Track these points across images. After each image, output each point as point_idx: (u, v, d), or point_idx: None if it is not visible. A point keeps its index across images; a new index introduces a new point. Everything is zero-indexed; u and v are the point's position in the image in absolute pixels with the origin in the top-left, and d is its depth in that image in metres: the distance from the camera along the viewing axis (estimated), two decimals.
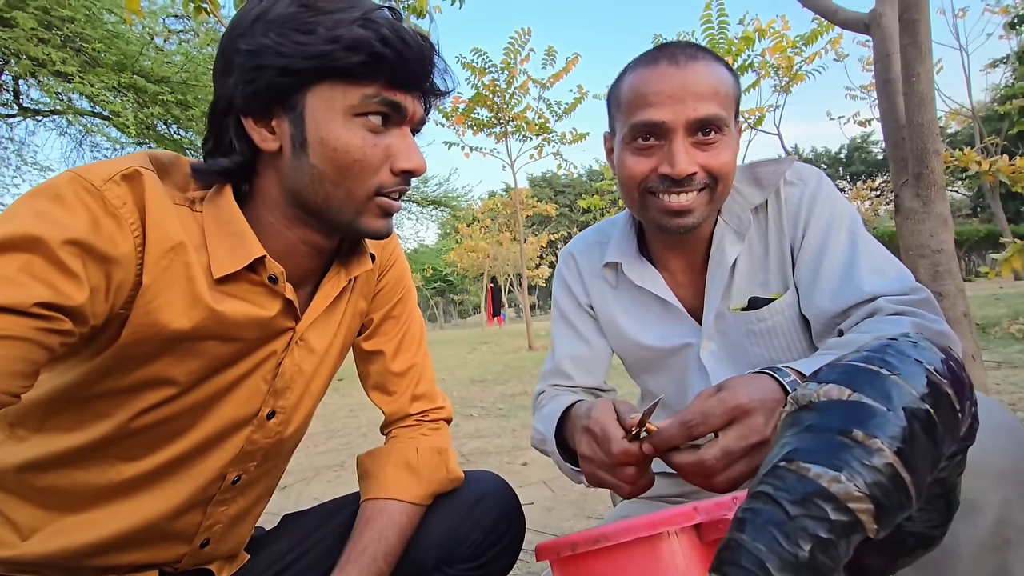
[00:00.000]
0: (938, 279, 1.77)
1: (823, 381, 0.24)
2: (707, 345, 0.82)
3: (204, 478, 0.68)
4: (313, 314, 0.71)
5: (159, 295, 0.57)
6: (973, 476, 0.46)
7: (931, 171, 1.75)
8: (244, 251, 0.62)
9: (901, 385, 0.23)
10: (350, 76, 0.59)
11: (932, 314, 0.65)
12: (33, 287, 0.48)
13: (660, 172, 0.73)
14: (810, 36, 6.36)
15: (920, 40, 1.69)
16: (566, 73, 7.73)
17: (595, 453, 0.61)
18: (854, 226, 0.76)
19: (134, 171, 0.56)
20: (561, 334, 0.95)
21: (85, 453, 0.62)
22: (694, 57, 0.72)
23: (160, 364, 0.60)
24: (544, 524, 1.70)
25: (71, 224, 0.51)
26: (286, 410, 0.72)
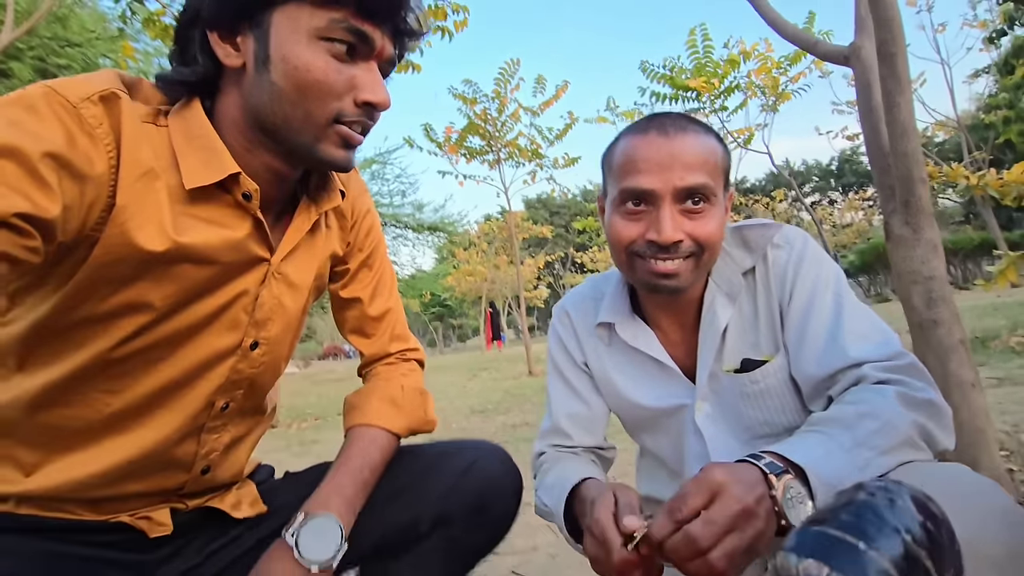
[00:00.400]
0: (932, 306, 1.77)
1: (801, 551, 0.23)
2: (701, 407, 0.82)
3: (193, 407, 0.68)
4: (287, 246, 0.71)
5: (134, 216, 0.57)
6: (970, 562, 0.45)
7: (918, 198, 1.76)
8: (219, 165, 0.62)
9: (878, 562, 0.22)
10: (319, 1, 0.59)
11: (917, 380, 0.65)
12: (11, 197, 0.47)
13: (647, 238, 0.74)
14: (794, 56, 6.49)
15: (899, 72, 1.71)
16: (556, 100, 7.85)
17: (599, 555, 0.60)
18: (839, 288, 0.76)
19: (111, 93, 0.56)
20: (558, 391, 0.95)
21: (69, 386, 0.62)
22: (683, 129, 0.74)
23: (135, 289, 0.60)
24: (546, 572, 1.66)
25: (47, 137, 0.50)
26: (269, 341, 0.73)
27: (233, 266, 0.66)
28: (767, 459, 0.56)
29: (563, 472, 0.79)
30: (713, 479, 0.53)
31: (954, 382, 1.64)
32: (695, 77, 6.58)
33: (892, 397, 0.61)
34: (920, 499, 0.25)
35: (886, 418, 0.59)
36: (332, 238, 0.80)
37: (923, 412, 0.61)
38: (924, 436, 0.61)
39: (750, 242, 0.82)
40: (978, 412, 1.62)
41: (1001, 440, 2.13)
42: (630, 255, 0.77)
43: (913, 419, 0.60)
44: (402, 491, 0.78)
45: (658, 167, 0.72)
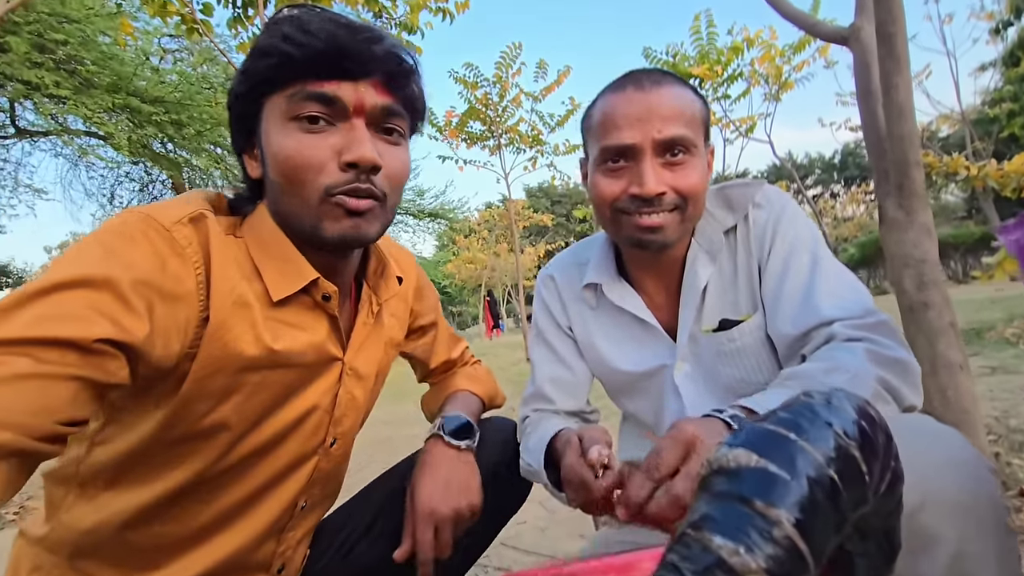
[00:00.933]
0: (923, 289, 1.77)
1: (735, 444, 0.24)
2: (681, 367, 0.83)
3: (277, 510, 0.71)
4: (357, 342, 0.75)
5: (228, 328, 0.60)
6: (931, 512, 0.46)
7: (912, 182, 1.76)
8: (297, 273, 0.65)
9: (807, 451, 0.23)
10: (275, 84, 0.61)
11: (887, 339, 0.65)
12: (98, 323, 0.49)
13: (630, 192, 0.74)
14: (798, 45, 6.44)
15: (897, 52, 1.70)
16: (558, 85, 7.79)
17: (581, 498, 0.61)
18: (816, 248, 0.77)
19: (200, 214, 0.60)
20: (541, 357, 0.96)
21: (165, 504, 0.63)
22: (658, 82, 0.74)
23: (230, 403, 0.62)
24: (536, 544, 1.68)
25: (140, 264, 0.53)
26: (344, 435, 0.78)
27: (314, 367, 0.69)
28: (731, 411, 0.57)
29: (542, 431, 0.80)
30: (686, 433, 0.53)
31: (942, 363, 1.66)
32: (698, 64, 6.52)
33: (861, 354, 0.62)
34: (859, 403, 0.26)
35: (853, 372, 0.60)
36: (394, 325, 0.85)
37: (891, 369, 0.62)
38: (891, 392, 0.61)
39: (732, 201, 0.82)
40: (964, 394, 1.64)
41: (990, 425, 2.15)
42: (615, 212, 0.77)
43: (879, 374, 0.61)
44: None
45: (637, 121, 0.72)
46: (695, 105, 0.75)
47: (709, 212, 0.83)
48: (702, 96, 0.79)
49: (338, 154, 0.60)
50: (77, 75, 6.78)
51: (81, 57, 6.73)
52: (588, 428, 0.66)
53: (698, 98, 0.77)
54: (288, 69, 0.59)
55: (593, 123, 0.79)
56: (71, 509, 0.63)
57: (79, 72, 6.75)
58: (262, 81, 0.61)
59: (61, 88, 6.45)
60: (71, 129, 8.42)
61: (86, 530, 0.62)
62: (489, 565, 1.56)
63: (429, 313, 0.95)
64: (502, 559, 1.60)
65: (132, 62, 7.50)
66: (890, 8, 1.67)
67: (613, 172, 0.76)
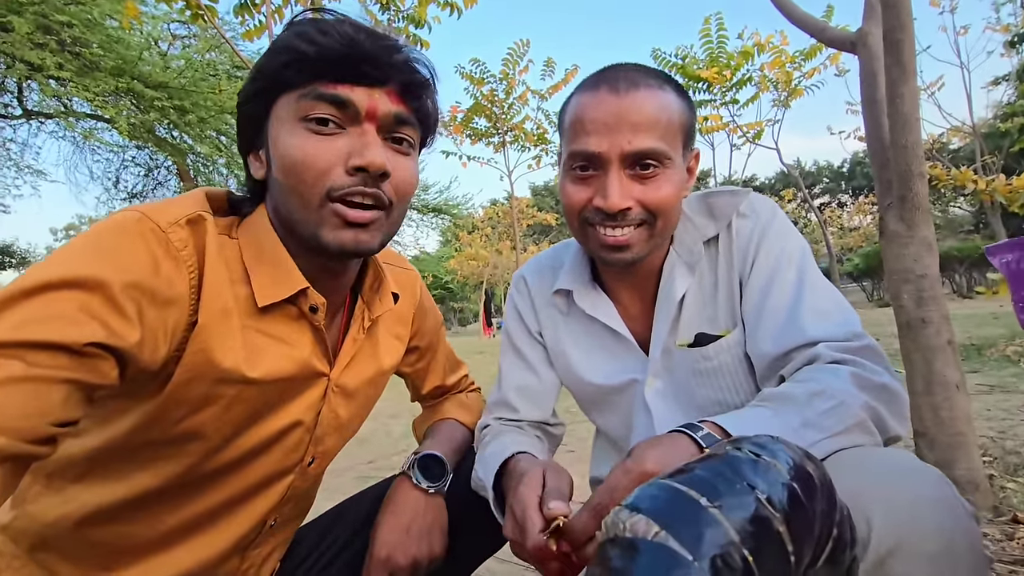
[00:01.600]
0: (922, 305, 1.72)
1: (637, 506, 0.20)
2: (652, 383, 0.78)
3: (245, 526, 0.69)
4: (345, 359, 0.72)
5: (213, 335, 0.58)
6: (902, 558, 0.42)
7: (915, 194, 1.71)
8: (287, 281, 0.63)
9: (719, 523, 0.18)
10: (288, 84, 0.59)
11: (873, 363, 0.61)
12: (88, 325, 0.47)
13: (594, 204, 0.69)
14: (809, 51, 6.37)
15: (904, 60, 1.65)
16: (565, 84, 7.74)
17: (516, 537, 0.57)
18: (803, 264, 0.72)
19: (198, 216, 0.59)
20: (509, 363, 0.91)
21: (130, 502, 0.61)
22: (635, 84, 0.68)
23: (206, 413, 0.60)
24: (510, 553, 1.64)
25: (132, 267, 0.52)
26: (324, 454, 0.76)
27: (296, 382, 0.67)
28: (705, 430, 0.52)
29: (500, 445, 0.76)
30: (644, 469, 0.48)
31: (938, 381, 1.61)
32: (707, 67, 6.46)
33: (846, 377, 0.58)
34: (797, 460, 0.22)
35: (839, 399, 0.56)
36: (393, 346, 0.83)
37: (877, 396, 0.58)
38: (877, 421, 0.57)
39: (715, 210, 0.77)
40: (960, 414, 1.59)
41: (984, 445, 2.10)
42: (581, 222, 0.73)
43: (866, 401, 0.56)
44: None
45: (605, 128, 0.67)
46: (673, 110, 0.69)
47: (689, 219, 0.78)
48: (687, 97, 0.73)
49: (346, 158, 0.59)
50: (81, 57, 6.76)
51: (86, 39, 6.70)
52: (555, 470, 0.61)
53: (681, 100, 0.71)
54: (302, 68, 0.58)
55: (565, 122, 0.73)
56: (37, 500, 0.61)
57: (83, 54, 6.72)
58: (275, 80, 0.60)
59: (64, 70, 6.42)
60: (75, 112, 8.40)
61: (50, 522, 0.61)
62: None
63: (428, 335, 0.92)
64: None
65: (138, 46, 7.47)
66: (898, 14, 1.62)
67: (580, 179, 0.71)
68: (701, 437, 0.51)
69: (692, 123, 0.73)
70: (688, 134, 0.72)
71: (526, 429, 0.86)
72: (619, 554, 0.19)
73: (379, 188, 0.61)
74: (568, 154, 0.71)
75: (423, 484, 0.80)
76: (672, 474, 0.22)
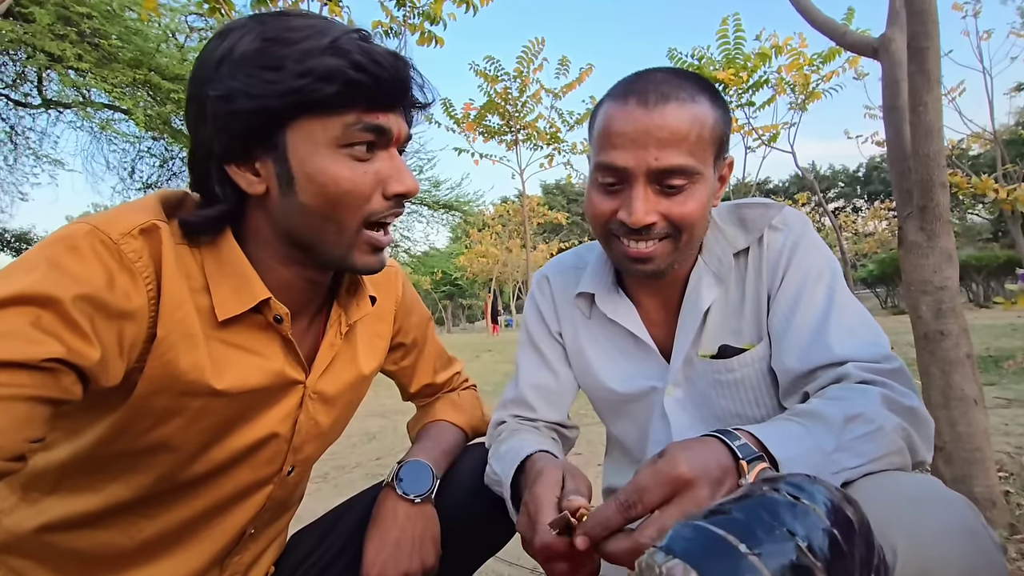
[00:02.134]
0: (940, 317, 1.70)
1: (673, 548, 0.20)
2: (672, 391, 0.77)
3: (227, 536, 0.68)
4: (322, 365, 0.71)
5: (174, 347, 0.57)
6: None
7: (936, 204, 1.68)
8: (249, 292, 0.61)
9: (757, 570, 0.18)
10: (328, 107, 0.57)
11: (903, 386, 0.60)
12: (45, 342, 0.46)
13: (619, 217, 0.69)
14: (828, 54, 6.29)
15: (928, 68, 1.62)
16: (579, 83, 7.71)
17: (527, 533, 0.56)
18: (834, 282, 0.71)
19: (152, 225, 0.56)
20: (527, 360, 0.91)
21: (106, 513, 0.61)
22: (666, 97, 0.66)
23: (171, 425, 0.59)
24: (518, 556, 1.64)
25: (85, 279, 0.50)
26: (304, 462, 0.74)
27: (269, 391, 0.66)
28: (741, 440, 0.50)
29: (519, 443, 0.75)
30: (678, 473, 0.46)
31: (956, 396, 1.58)
32: (724, 69, 6.40)
33: (877, 399, 0.57)
34: (835, 501, 0.21)
35: (878, 423, 0.54)
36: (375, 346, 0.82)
37: (908, 420, 0.57)
38: (909, 446, 0.56)
39: (747, 222, 0.76)
40: (977, 430, 1.56)
41: (1002, 461, 2.06)
42: (606, 232, 0.72)
43: (898, 424, 0.55)
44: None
45: (632, 144, 0.66)
46: (706, 123, 0.67)
47: (720, 230, 0.77)
48: (722, 104, 0.70)
49: (382, 183, 0.61)
50: (100, 49, 6.83)
51: (105, 31, 6.77)
52: (575, 473, 0.60)
53: (715, 110, 0.68)
54: (349, 97, 0.57)
55: (594, 129, 0.73)
56: (12, 512, 0.62)
57: (102, 46, 6.80)
58: (310, 102, 0.56)
59: (83, 61, 6.50)
60: (93, 102, 8.50)
61: (25, 533, 0.60)
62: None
63: (413, 331, 0.91)
64: (484, 569, 1.56)
65: (155, 38, 7.54)
66: (924, 21, 1.59)
67: (606, 190, 0.70)
68: (738, 447, 0.49)
69: (726, 132, 0.71)
70: (721, 144, 0.70)
71: (542, 430, 0.86)
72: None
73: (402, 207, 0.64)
74: (595, 164, 0.71)
75: (409, 495, 0.78)
76: (707, 514, 0.21)
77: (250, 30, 0.57)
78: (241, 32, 0.58)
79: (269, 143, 0.58)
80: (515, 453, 0.72)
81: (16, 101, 9.32)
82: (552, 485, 0.58)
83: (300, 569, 0.82)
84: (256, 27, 0.58)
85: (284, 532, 0.83)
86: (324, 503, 0.94)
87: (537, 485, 0.59)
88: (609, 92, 0.72)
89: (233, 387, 0.61)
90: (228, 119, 0.56)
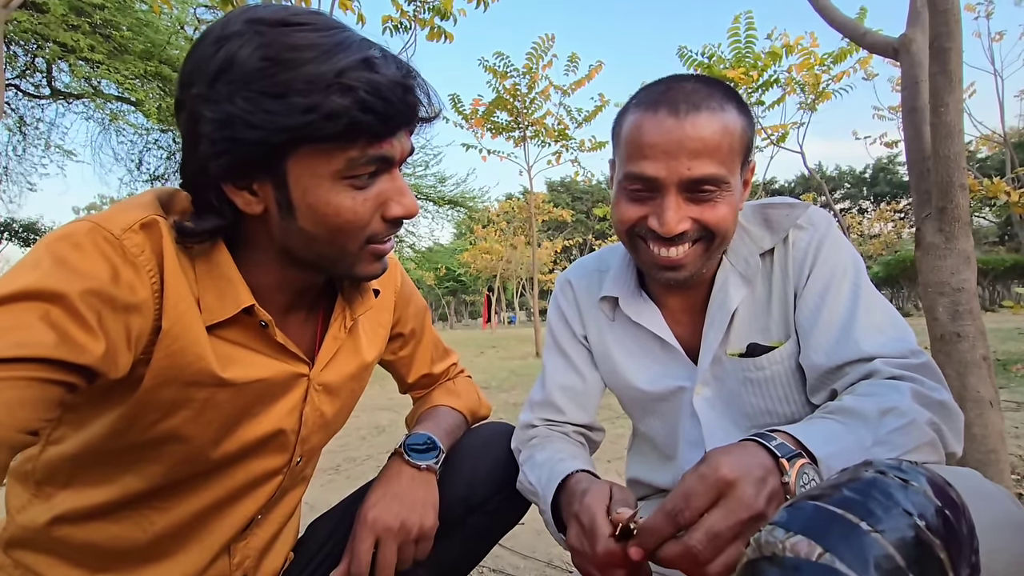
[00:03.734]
0: (957, 319, 1.70)
1: (791, 526, 0.20)
2: (701, 390, 0.78)
3: (236, 525, 0.70)
4: (325, 357, 0.72)
5: (179, 338, 0.57)
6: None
7: (956, 206, 1.68)
8: (233, 298, 0.61)
9: (882, 547, 0.19)
10: (332, 140, 0.56)
11: (932, 381, 0.61)
12: (50, 339, 0.47)
13: (649, 225, 0.69)
14: (839, 54, 6.25)
15: (950, 69, 1.62)
16: (588, 80, 7.68)
17: (583, 546, 0.57)
18: (858, 278, 0.72)
19: (151, 219, 0.57)
20: (553, 363, 0.91)
21: (118, 504, 0.62)
22: (696, 107, 0.66)
23: (179, 416, 0.60)
24: (533, 548, 1.65)
25: (91, 274, 0.51)
26: (311, 452, 0.76)
27: (274, 383, 0.67)
28: (778, 440, 0.51)
29: (556, 455, 0.76)
30: (720, 475, 0.47)
31: (971, 398, 1.59)
32: (734, 67, 6.37)
33: (907, 394, 0.58)
34: (938, 482, 0.22)
35: (910, 417, 0.55)
36: (378, 336, 0.83)
37: (938, 413, 0.58)
38: (940, 438, 0.57)
39: (772, 222, 0.77)
40: (993, 432, 1.57)
41: (1013, 464, 2.07)
42: (632, 237, 0.73)
43: (930, 418, 0.56)
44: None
45: (664, 155, 0.66)
46: (735, 132, 0.68)
47: (745, 230, 0.78)
48: (748, 112, 0.71)
49: (382, 206, 0.61)
50: (112, 40, 6.84)
51: (116, 22, 6.79)
52: (620, 487, 0.61)
53: (742, 117, 0.69)
54: (355, 133, 0.56)
55: (621, 137, 0.72)
56: (26, 509, 0.63)
57: (114, 37, 6.81)
58: (314, 136, 0.55)
59: (95, 52, 6.52)
60: (103, 93, 8.52)
61: (40, 527, 0.62)
62: (484, 566, 1.53)
63: (411, 321, 0.92)
64: (496, 561, 1.58)
65: (166, 30, 7.55)
66: (947, 21, 1.59)
67: (635, 197, 0.71)
68: (775, 446, 0.50)
69: (752, 139, 0.72)
70: (748, 151, 0.72)
71: (572, 436, 0.87)
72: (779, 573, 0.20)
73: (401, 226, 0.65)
74: (624, 174, 0.71)
75: (414, 461, 0.80)
76: (815, 496, 0.22)
77: (249, 40, 0.54)
78: (240, 41, 0.54)
79: (268, 169, 0.57)
80: (554, 468, 0.73)
81: (26, 91, 9.35)
82: (600, 498, 0.59)
83: (318, 556, 0.83)
84: (256, 38, 0.54)
85: (295, 516, 0.84)
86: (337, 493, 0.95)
87: (587, 497, 0.59)
88: (635, 100, 0.72)
89: (239, 377, 0.62)
90: (226, 145, 0.54)
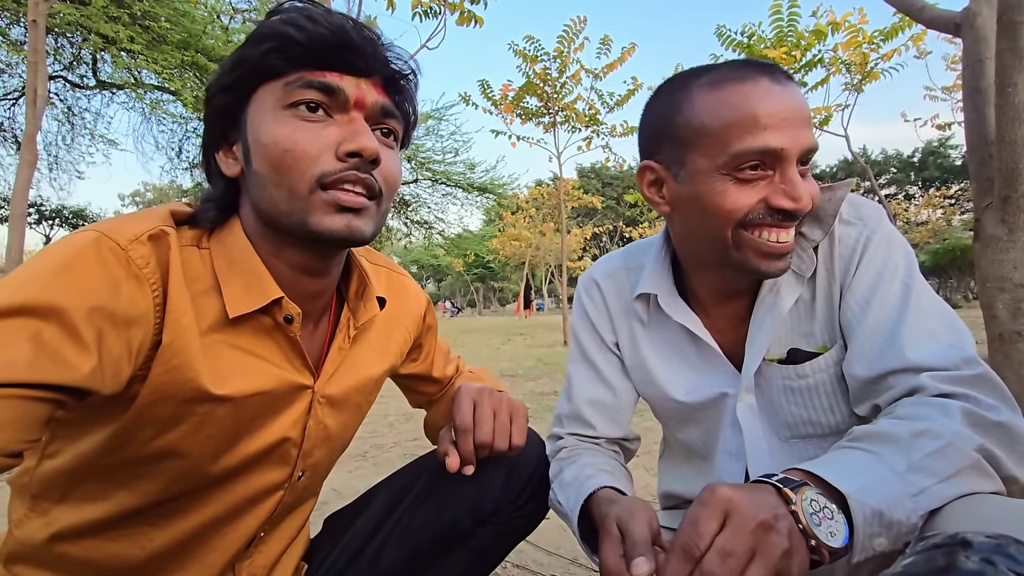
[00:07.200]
0: (1019, 317, 1.58)
1: None
2: (745, 397, 0.73)
3: (238, 543, 0.68)
4: (331, 369, 0.69)
5: (179, 353, 0.56)
6: None
7: (1021, 195, 1.55)
8: (261, 291, 0.60)
9: None
10: (275, 73, 0.58)
11: (988, 397, 0.54)
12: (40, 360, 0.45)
13: (775, 204, 0.61)
14: (889, 31, 5.90)
15: (1021, 45, 1.48)
16: (621, 63, 7.48)
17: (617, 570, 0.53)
18: (910, 278, 0.65)
19: (160, 231, 0.56)
20: (580, 375, 0.86)
21: (115, 521, 0.61)
22: (786, 75, 0.63)
23: (177, 432, 0.59)
24: (557, 545, 1.63)
25: (92, 288, 0.50)
26: (314, 468, 0.73)
27: (276, 395, 0.64)
28: (780, 475, 0.50)
29: (581, 471, 0.72)
30: (723, 496, 0.47)
31: None
32: (775, 47, 6.10)
33: (957, 415, 0.52)
34: None
35: (947, 439, 0.50)
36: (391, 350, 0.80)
37: (993, 435, 0.51)
38: (992, 462, 0.51)
39: (818, 211, 0.70)
40: None
41: None
42: (738, 229, 0.64)
43: (980, 443, 0.50)
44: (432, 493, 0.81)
45: (785, 122, 0.60)
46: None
47: None
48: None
49: (336, 144, 0.58)
50: (150, 31, 7.02)
51: (155, 13, 6.95)
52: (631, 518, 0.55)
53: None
54: (289, 54, 0.57)
55: (704, 120, 0.62)
56: (23, 524, 0.62)
57: (152, 28, 6.98)
58: (258, 67, 0.58)
59: (135, 43, 6.69)
60: (144, 83, 8.77)
61: (37, 544, 0.61)
62: (509, 562, 1.52)
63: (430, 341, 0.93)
64: (520, 556, 1.56)
65: (202, 20, 7.69)
66: None
67: (748, 181, 0.62)
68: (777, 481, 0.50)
69: None
70: None
71: (604, 446, 0.83)
72: None
73: (371, 175, 0.59)
74: (731, 155, 0.61)
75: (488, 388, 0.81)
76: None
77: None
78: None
79: (238, 123, 0.60)
80: (579, 487, 0.70)
81: (72, 83, 9.70)
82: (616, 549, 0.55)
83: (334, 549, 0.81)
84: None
85: (304, 530, 0.82)
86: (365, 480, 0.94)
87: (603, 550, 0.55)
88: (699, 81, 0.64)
89: (238, 392, 0.60)
90: (207, 109, 0.61)
